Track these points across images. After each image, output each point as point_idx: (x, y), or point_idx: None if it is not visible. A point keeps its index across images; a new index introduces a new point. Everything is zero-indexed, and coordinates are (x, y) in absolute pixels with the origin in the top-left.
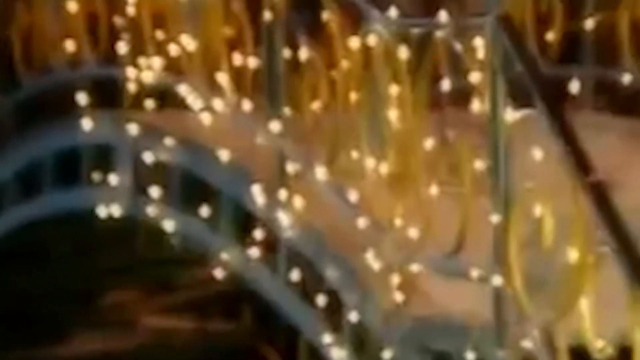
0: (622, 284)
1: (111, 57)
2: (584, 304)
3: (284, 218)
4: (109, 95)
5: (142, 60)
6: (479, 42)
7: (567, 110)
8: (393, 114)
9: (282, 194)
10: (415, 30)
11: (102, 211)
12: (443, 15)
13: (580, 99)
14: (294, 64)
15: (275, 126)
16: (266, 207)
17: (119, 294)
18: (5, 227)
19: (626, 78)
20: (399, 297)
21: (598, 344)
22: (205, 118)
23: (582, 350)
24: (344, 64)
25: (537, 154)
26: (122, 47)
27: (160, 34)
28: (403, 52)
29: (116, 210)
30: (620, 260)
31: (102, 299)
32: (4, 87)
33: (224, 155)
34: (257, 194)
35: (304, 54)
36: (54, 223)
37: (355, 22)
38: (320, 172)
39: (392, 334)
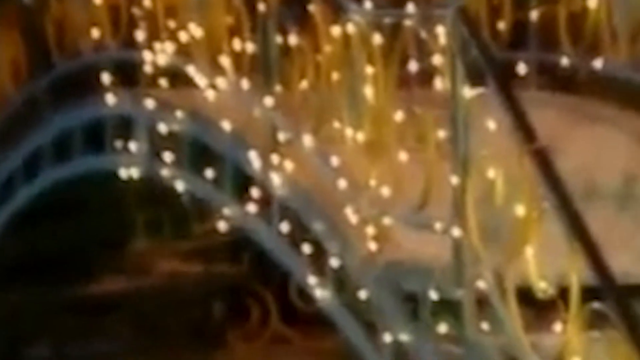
0: (561, 235)
1: (130, 43)
2: (529, 251)
3: (276, 179)
4: (128, 75)
5: (156, 45)
6: (441, 30)
7: (515, 88)
8: (368, 91)
9: (275, 158)
10: (387, 20)
11: (123, 173)
12: (411, 7)
13: (526, 78)
14: (285, 49)
15: (269, 101)
16: (261, 169)
17: (139, 242)
18: (42, 185)
19: (564, 61)
20: (373, 245)
21: (541, 285)
22: (210, 94)
23: (528, 290)
24: (327, 48)
25: (490, 125)
26: (140, 34)
27: (172, 23)
28: (377, 39)
29: (135, 173)
30: (559, 215)
31: (125, 247)
32: (41, 68)
33: (226, 125)
34: (254, 159)
35: (293, 40)
36: (85, 182)
37: (336, 13)
38: (307, 140)
39: (368, 277)
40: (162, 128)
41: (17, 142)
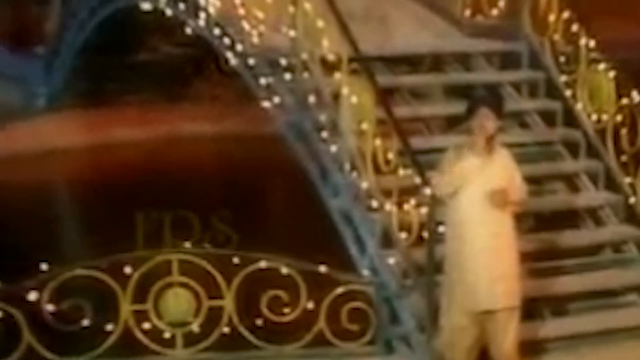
0: (338, 32)
1: None
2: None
3: (211, 9)
4: None
5: None
6: None
7: None
8: None
9: None
10: None
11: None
12: None
13: None
14: None
15: None
16: (205, 2)
17: (153, 39)
18: (101, 18)
19: None
20: (256, 39)
21: (330, 56)
22: None
23: (324, 59)
24: None
25: None
26: None
27: None
28: None
29: (147, 5)
30: (336, 26)
31: (146, 42)
32: None
33: None
34: None
35: None
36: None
37: None
38: None
39: (254, 52)
40: None
41: None
